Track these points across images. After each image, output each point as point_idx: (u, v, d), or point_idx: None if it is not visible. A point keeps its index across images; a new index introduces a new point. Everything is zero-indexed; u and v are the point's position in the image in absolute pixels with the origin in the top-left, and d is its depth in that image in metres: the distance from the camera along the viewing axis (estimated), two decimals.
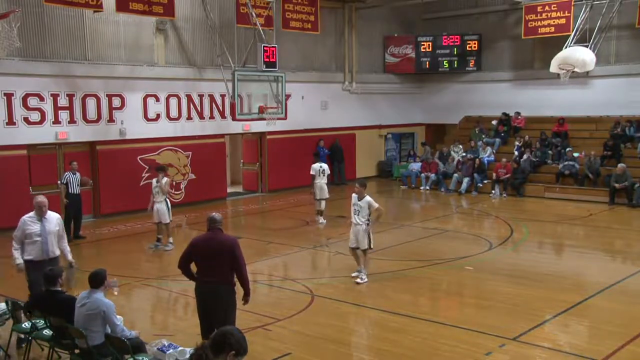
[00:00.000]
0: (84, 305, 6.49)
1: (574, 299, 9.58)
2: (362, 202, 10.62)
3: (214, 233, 7.07)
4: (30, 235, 8.10)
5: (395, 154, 25.59)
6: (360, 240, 10.63)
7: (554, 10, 20.84)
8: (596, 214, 17.11)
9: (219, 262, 6.90)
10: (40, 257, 8.11)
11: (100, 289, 6.57)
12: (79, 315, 6.49)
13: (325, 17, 21.64)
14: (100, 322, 6.42)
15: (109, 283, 6.84)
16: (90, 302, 6.47)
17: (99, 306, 6.42)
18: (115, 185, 16.90)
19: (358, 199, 10.68)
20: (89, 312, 6.41)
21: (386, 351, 7.91)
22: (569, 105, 22.08)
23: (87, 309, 6.44)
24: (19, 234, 8.18)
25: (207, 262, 6.98)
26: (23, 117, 15.34)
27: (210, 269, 6.94)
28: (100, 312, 6.39)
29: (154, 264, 12.44)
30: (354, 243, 10.78)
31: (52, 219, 8.28)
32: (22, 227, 8.16)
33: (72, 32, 16.09)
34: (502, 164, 20.32)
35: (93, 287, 6.56)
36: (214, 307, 6.94)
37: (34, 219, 8.19)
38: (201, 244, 7.12)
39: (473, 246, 13.38)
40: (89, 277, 6.66)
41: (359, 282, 10.61)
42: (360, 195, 10.67)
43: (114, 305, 6.60)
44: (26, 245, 8.14)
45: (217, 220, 7.09)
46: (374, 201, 10.64)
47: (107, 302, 6.52)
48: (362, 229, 10.58)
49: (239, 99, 16.86)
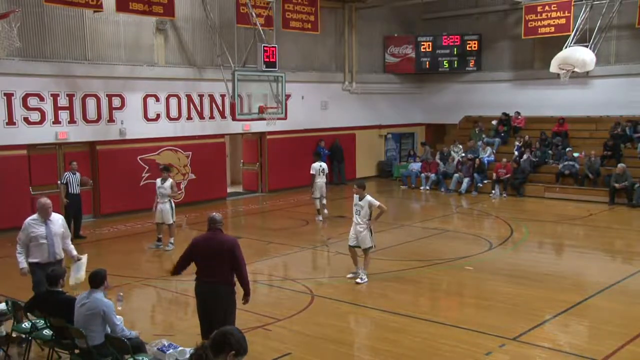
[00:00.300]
0: (83, 305, 6.49)
1: (574, 299, 9.58)
2: (362, 201, 10.63)
3: (214, 233, 7.07)
4: (35, 238, 7.97)
5: (395, 154, 25.59)
6: (361, 239, 10.63)
7: (554, 10, 20.84)
8: (596, 214, 17.11)
9: (218, 262, 6.90)
10: (47, 259, 8.01)
11: (100, 289, 6.57)
12: (79, 315, 6.49)
13: (325, 17, 21.64)
14: (100, 322, 6.42)
15: (109, 287, 6.84)
16: (89, 302, 6.47)
17: (98, 306, 6.42)
18: (115, 185, 16.90)
19: (359, 199, 10.70)
20: (88, 312, 6.41)
21: (386, 351, 7.91)
22: (569, 105, 22.08)
23: (86, 308, 6.44)
24: (24, 237, 8.03)
25: (206, 262, 6.98)
26: (23, 117, 15.34)
27: (210, 268, 6.94)
28: (100, 312, 6.39)
29: (154, 264, 12.44)
30: (354, 241, 10.77)
31: (56, 221, 8.20)
32: (26, 230, 8.02)
33: (72, 32, 16.09)
34: (502, 164, 20.32)
35: (93, 287, 6.57)
36: (213, 307, 6.94)
37: (38, 221, 8.06)
38: (201, 243, 7.12)
39: (473, 246, 13.38)
40: (88, 277, 6.68)
41: (358, 282, 10.61)
42: (360, 196, 10.69)
43: (113, 305, 6.60)
44: (31, 248, 8.01)
45: (217, 221, 7.09)
46: (374, 200, 10.66)
47: (107, 302, 6.52)
48: (362, 229, 10.59)
49: (239, 99, 16.86)
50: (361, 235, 10.62)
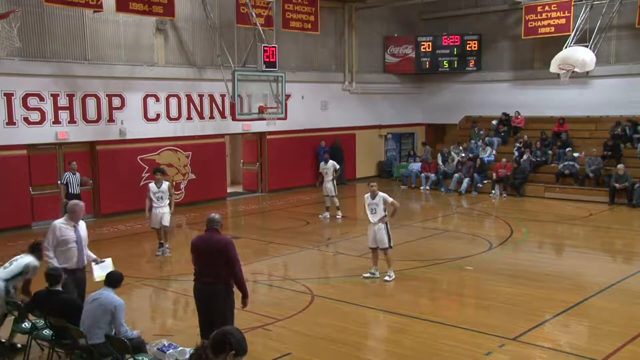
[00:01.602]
0: (95, 300, 6.54)
1: (574, 299, 9.58)
2: (376, 199, 10.64)
3: (210, 233, 7.08)
4: (65, 242, 7.58)
5: (395, 154, 25.58)
6: (380, 239, 10.63)
7: (554, 10, 20.84)
8: (596, 214, 17.11)
9: (214, 263, 6.91)
10: (75, 265, 7.70)
11: (115, 289, 6.67)
12: (88, 312, 6.51)
13: (325, 17, 21.64)
14: (108, 320, 6.45)
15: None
16: (103, 297, 6.54)
17: (112, 301, 6.48)
18: (115, 185, 16.89)
19: (372, 197, 10.69)
20: (100, 308, 6.45)
21: (386, 351, 7.91)
22: (569, 105, 22.08)
23: (98, 304, 6.48)
24: (52, 240, 7.58)
25: (203, 262, 7.02)
26: (23, 117, 15.33)
27: (206, 268, 6.97)
28: (111, 309, 6.43)
29: (154, 264, 12.43)
30: (373, 243, 10.77)
31: (82, 225, 7.88)
32: (55, 233, 7.60)
33: (72, 32, 16.09)
34: (502, 164, 20.32)
35: (109, 285, 6.66)
36: (210, 307, 6.96)
37: (68, 224, 7.71)
38: (198, 244, 7.15)
39: (473, 246, 13.38)
40: (107, 276, 6.77)
41: (387, 280, 10.62)
42: (373, 193, 10.68)
43: (125, 305, 6.65)
44: (58, 252, 7.59)
45: (214, 221, 7.09)
46: (387, 196, 10.70)
47: (120, 300, 6.59)
48: (381, 227, 10.58)
49: (239, 99, 16.85)
50: (380, 234, 10.60)
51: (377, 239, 10.64)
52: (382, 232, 10.61)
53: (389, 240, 10.68)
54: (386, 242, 10.64)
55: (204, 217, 8.53)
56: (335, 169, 16.57)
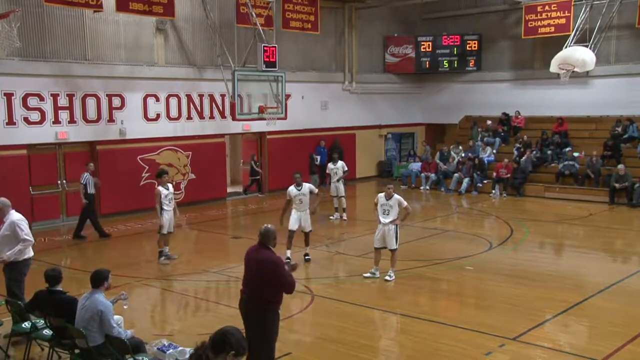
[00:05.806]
0: (83, 306, 6.49)
1: (574, 299, 9.58)
2: (391, 200, 10.66)
3: (257, 248, 6.59)
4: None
5: (395, 153, 25.58)
6: (389, 240, 10.65)
7: (554, 10, 20.84)
8: (596, 214, 17.11)
9: (254, 280, 6.45)
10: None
11: (100, 289, 6.56)
12: (79, 317, 6.49)
13: (325, 17, 21.63)
14: (98, 323, 6.39)
15: (110, 287, 6.75)
16: (89, 302, 6.47)
17: (96, 306, 6.40)
18: (115, 185, 16.87)
19: (386, 198, 10.70)
20: (87, 314, 6.41)
21: (386, 351, 7.91)
22: (569, 105, 22.07)
23: (85, 310, 6.44)
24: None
25: (247, 274, 6.65)
26: (23, 117, 15.33)
27: (245, 281, 6.64)
28: (97, 312, 6.37)
29: (154, 264, 12.40)
30: (380, 243, 10.78)
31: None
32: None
33: (72, 32, 16.08)
34: (503, 164, 20.31)
35: (93, 286, 6.57)
36: (246, 323, 6.48)
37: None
38: (247, 254, 6.71)
39: (473, 246, 13.38)
40: (90, 277, 6.64)
41: (387, 280, 10.65)
42: (389, 195, 10.69)
43: (112, 306, 6.59)
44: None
45: (263, 234, 6.59)
46: (403, 200, 10.75)
47: (105, 302, 6.50)
48: (391, 229, 10.60)
49: (239, 98, 16.85)
50: (389, 235, 10.62)
51: (387, 240, 10.66)
52: (391, 234, 10.64)
53: (397, 241, 10.72)
54: (394, 243, 10.67)
55: (203, 217, 8.56)
56: (344, 170, 16.74)
